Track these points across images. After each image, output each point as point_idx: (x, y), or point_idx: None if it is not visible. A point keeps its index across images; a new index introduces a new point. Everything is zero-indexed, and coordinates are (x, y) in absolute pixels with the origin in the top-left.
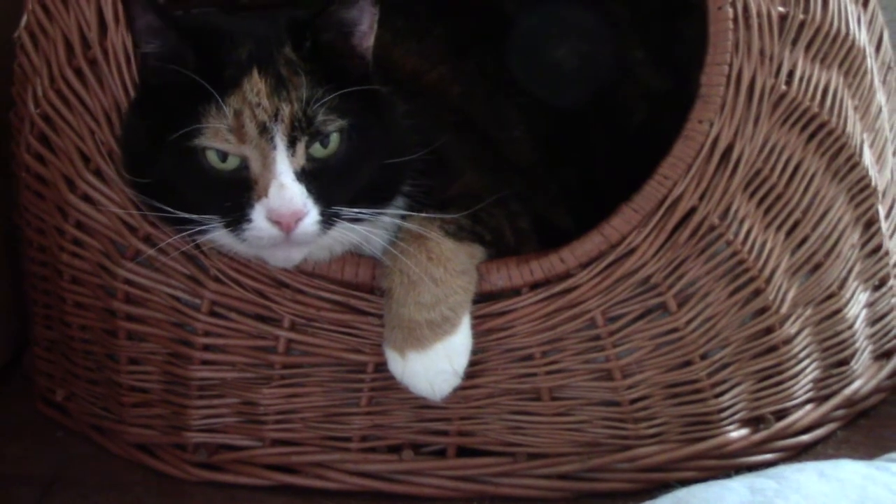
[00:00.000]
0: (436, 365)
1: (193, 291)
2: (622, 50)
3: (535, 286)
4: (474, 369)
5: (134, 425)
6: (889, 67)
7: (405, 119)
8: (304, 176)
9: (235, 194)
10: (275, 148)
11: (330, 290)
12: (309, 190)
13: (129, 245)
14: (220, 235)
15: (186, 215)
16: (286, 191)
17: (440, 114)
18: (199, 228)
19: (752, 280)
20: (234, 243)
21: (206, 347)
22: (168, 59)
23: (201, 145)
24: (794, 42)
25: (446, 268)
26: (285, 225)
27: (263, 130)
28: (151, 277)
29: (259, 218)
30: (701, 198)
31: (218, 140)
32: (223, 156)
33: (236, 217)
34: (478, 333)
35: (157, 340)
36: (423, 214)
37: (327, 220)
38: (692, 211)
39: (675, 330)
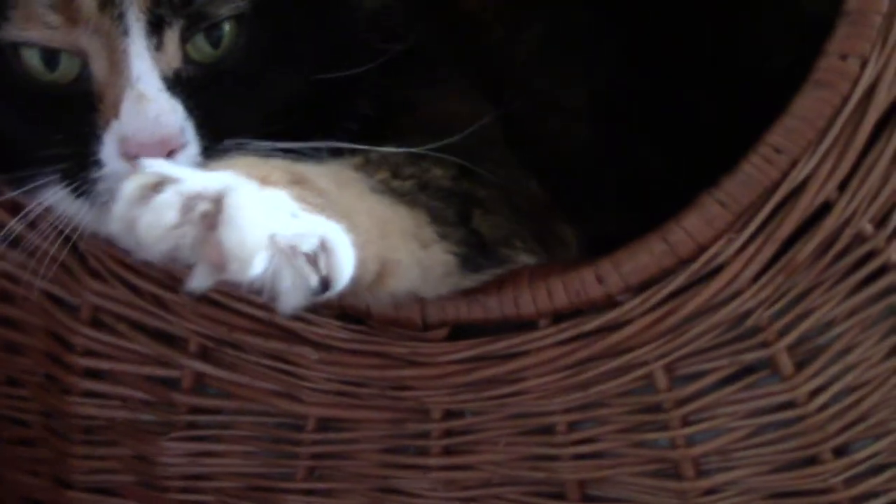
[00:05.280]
0: None
1: (70, 288)
2: None
3: (558, 318)
4: (465, 440)
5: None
6: None
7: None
8: (179, 86)
9: (76, 123)
10: (126, 33)
11: (249, 300)
12: (188, 109)
13: None
14: (62, 201)
15: None
16: (149, 105)
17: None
18: (28, 187)
19: None
20: (86, 213)
21: (88, 372)
22: None
23: (9, 39)
24: None
25: None
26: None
27: (108, 3)
28: (21, 263)
29: (110, 155)
30: (842, 188)
31: (33, 25)
32: (49, 58)
33: (78, 162)
34: (467, 385)
35: (32, 355)
36: (375, 148)
37: None
38: (825, 208)
39: (790, 404)
